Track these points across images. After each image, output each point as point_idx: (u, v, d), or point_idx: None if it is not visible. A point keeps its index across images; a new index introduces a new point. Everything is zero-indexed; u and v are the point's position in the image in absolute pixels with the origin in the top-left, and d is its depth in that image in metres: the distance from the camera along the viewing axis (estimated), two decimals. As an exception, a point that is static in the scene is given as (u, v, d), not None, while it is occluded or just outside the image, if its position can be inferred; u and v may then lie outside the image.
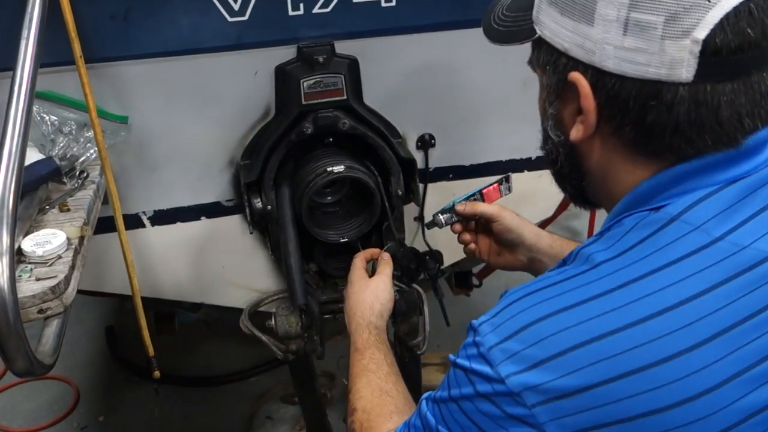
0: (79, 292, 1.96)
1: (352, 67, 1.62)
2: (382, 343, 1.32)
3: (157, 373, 1.76)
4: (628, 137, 0.84)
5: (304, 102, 1.60)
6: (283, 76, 1.60)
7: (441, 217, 1.49)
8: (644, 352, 0.75)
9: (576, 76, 0.84)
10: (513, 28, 0.99)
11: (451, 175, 1.92)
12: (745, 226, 0.80)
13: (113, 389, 2.77)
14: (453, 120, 1.81)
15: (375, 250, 1.59)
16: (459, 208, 1.46)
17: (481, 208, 1.45)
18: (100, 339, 3.00)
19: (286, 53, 1.60)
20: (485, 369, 0.81)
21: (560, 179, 1.00)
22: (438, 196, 1.93)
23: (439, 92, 1.76)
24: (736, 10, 0.76)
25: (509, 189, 1.55)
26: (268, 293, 1.95)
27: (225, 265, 1.92)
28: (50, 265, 1.22)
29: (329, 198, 1.77)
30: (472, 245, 1.48)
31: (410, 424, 0.95)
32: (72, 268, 1.24)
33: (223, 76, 1.60)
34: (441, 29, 1.63)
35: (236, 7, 1.51)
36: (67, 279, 1.21)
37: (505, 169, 1.92)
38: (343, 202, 1.78)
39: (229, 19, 1.52)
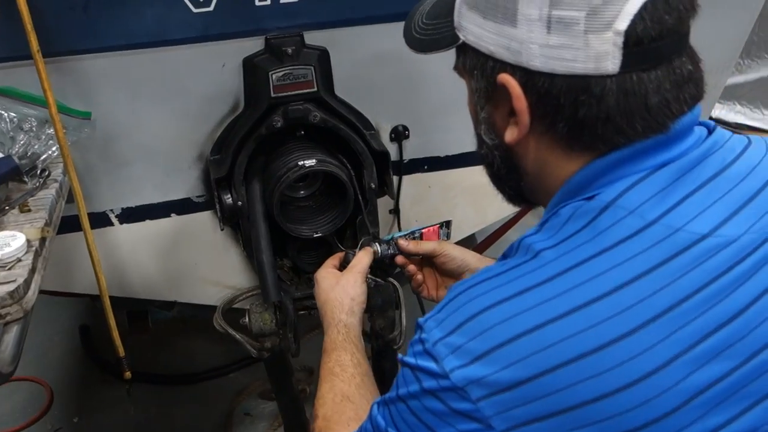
0: (48, 292, 1.96)
1: (322, 59, 1.58)
2: (350, 343, 1.28)
3: (128, 374, 1.73)
4: (561, 133, 0.84)
5: (273, 95, 1.56)
6: (252, 69, 1.56)
7: (378, 247, 1.48)
8: (583, 340, 0.75)
9: (505, 78, 0.84)
10: (435, 35, 0.98)
11: (426, 167, 1.89)
12: (678, 209, 0.80)
13: (88, 389, 2.71)
14: (427, 111, 1.78)
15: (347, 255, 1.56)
16: (402, 243, 1.48)
17: (424, 246, 1.47)
18: (75, 338, 2.94)
19: (254, 45, 1.56)
20: (430, 365, 0.80)
21: (498, 181, 0.99)
22: (413, 188, 1.91)
23: (411, 83, 1.72)
24: None
25: (448, 235, 1.58)
26: (242, 290, 1.92)
27: (197, 262, 1.88)
28: (9, 269, 1.17)
29: (302, 192, 1.74)
30: (420, 276, 1.48)
31: (363, 429, 0.94)
32: (32, 271, 1.20)
33: (189, 69, 1.55)
34: (411, 18, 1.59)
35: (201, -3, 1.46)
36: (27, 283, 1.16)
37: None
38: (316, 195, 1.75)
39: (194, 11, 1.47)
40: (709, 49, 0.87)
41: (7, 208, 1.37)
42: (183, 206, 1.76)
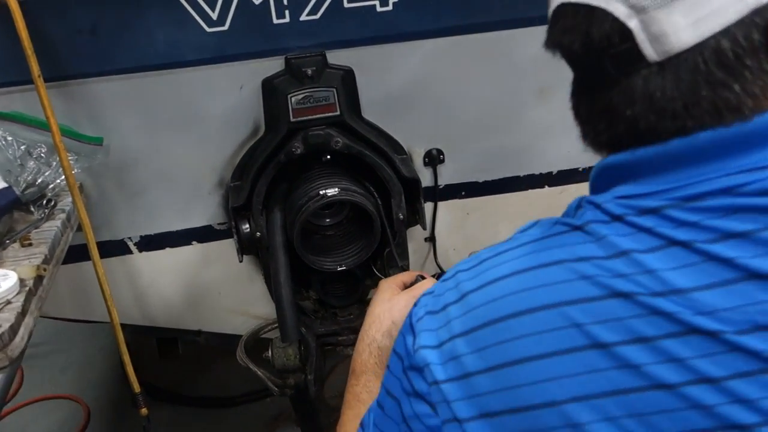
0: (69, 320, 1.90)
1: (346, 79, 1.47)
2: (382, 368, 1.15)
3: (144, 411, 1.65)
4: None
5: (292, 119, 1.46)
6: (270, 91, 1.45)
7: None
8: (510, 348, 0.67)
9: None
10: None
11: (463, 193, 1.75)
12: None
13: (124, 410, 2.66)
14: (463, 133, 1.64)
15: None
16: None
17: None
18: (114, 356, 2.91)
19: (273, 65, 1.46)
20: (409, 340, 0.76)
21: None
22: (450, 215, 1.77)
23: (446, 104, 1.59)
24: None
25: None
26: (268, 320, 1.82)
27: (221, 291, 1.79)
28: (-3, 312, 1.10)
29: (328, 220, 1.63)
30: None
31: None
32: (22, 314, 1.12)
33: (205, 91, 1.46)
34: (443, 35, 1.46)
35: (214, 16, 1.37)
36: (14, 329, 1.08)
37: (522, 185, 1.75)
38: (342, 224, 1.63)
39: (208, 30, 1.38)
40: None
41: (7, 241, 1.30)
42: (204, 234, 1.67)
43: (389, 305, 1.25)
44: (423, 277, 1.34)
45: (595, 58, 0.67)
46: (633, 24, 0.63)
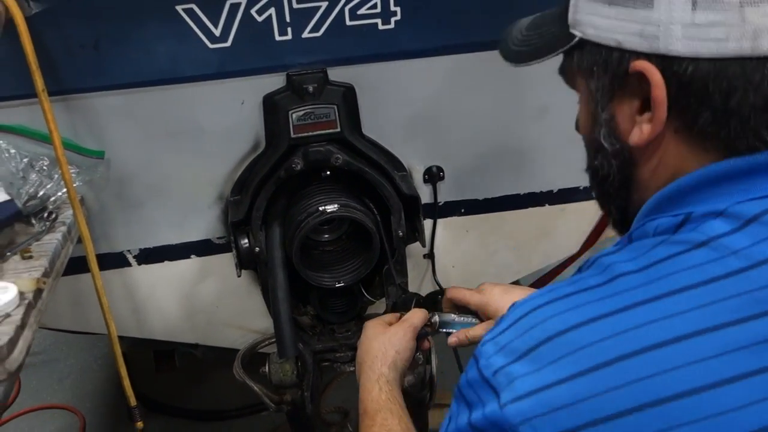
0: (67, 331, 1.90)
1: (347, 96, 1.47)
2: (396, 404, 1.13)
3: (140, 424, 1.64)
4: (702, 126, 0.72)
5: (293, 135, 1.46)
6: (271, 107, 1.46)
7: (438, 319, 1.35)
8: (659, 384, 0.61)
9: (642, 65, 0.72)
10: (538, 43, 0.88)
11: (462, 210, 1.75)
12: None
13: (120, 421, 2.66)
14: (462, 151, 1.65)
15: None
16: (453, 341, 1.32)
17: (474, 332, 1.29)
18: (111, 367, 2.90)
19: (274, 81, 1.46)
20: (488, 396, 0.68)
21: (606, 199, 0.88)
22: (449, 232, 1.78)
23: (446, 121, 1.60)
24: None
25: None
26: (266, 335, 1.82)
27: (218, 305, 1.79)
28: (-5, 325, 1.10)
29: (326, 236, 1.63)
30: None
31: None
32: (21, 327, 1.12)
33: (206, 106, 1.47)
34: (444, 53, 1.47)
35: (217, 32, 1.38)
36: (12, 342, 1.08)
37: (523, 203, 1.75)
38: (341, 240, 1.63)
39: (210, 46, 1.39)
40: None
41: (8, 254, 1.30)
42: (203, 248, 1.67)
43: (387, 337, 1.25)
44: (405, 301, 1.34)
45: None
46: None
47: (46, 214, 1.39)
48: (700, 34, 0.68)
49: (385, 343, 1.24)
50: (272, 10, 1.37)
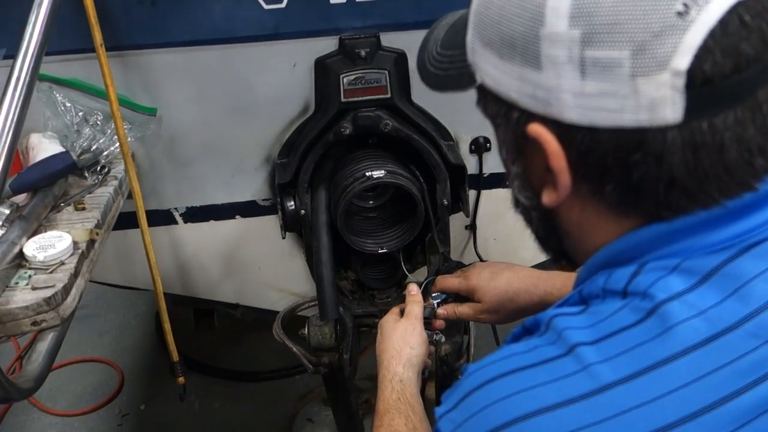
0: (113, 285, 1.94)
1: (398, 62, 1.47)
2: (405, 403, 1.12)
3: (181, 379, 1.68)
4: (610, 198, 0.66)
5: (343, 99, 1.46)
6: (323, 71, 1.46)
7: (434, 302, 1.37)
8: None
9: (537, 131, 0.66)
10: (451, 71, 0.81)
11: (507, 183, 1.73)
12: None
13: (157, 377, 2.73)
14: (511, 123, 1.63)
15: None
16: (441, 313, 1.35)
17: (461, 309, 1.32)
18: (150, 324, 2.98)
19: (327, 45, 1.46)
20: None
21: (539, 241, 0.82)
22: (492, 204, 1.77)
23: (496, 92, 1.58)
24: (723, 22, 0.58)
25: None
26: (305, 298, 1.84)
27: (261, 267, 1.81)
28: (51, 272, 1.13)
29: (371, 202, 1.63)
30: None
31: None
32: (74, 275, 1.15)
33: (258, 67, 1.48)
34: (499, 22, 1.45)
35: (273, -7, 1.38)
36: (66, 289, 1.11)
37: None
38: (385, 207, 1.63)
39: (266, 7, 1.39)
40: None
41: (62, 204, 1.34)
42: (248, 209, 1.69)
43: (398, 334, 1.24)
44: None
45: None
46: None
47: (98, 168, 1.42)
48: (591, 103, 0.61)
49: (398, 341, 1.23)
50: (328, -27, 1.37)
